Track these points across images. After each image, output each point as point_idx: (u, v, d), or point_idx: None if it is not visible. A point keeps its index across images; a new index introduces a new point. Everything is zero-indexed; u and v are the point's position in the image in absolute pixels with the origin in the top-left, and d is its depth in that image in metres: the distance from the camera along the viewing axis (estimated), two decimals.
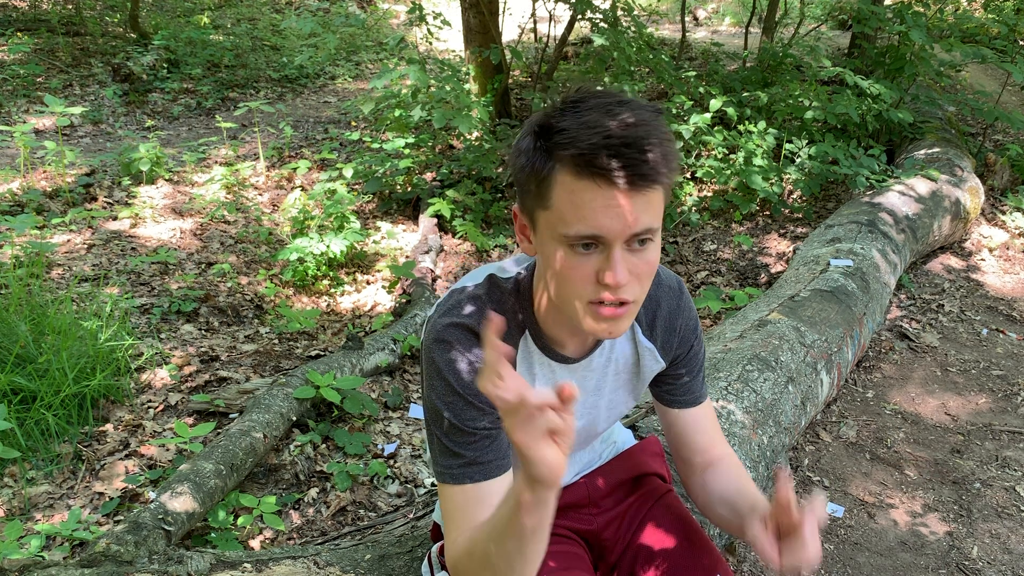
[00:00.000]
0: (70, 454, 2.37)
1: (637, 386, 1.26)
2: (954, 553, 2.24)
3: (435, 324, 1.09)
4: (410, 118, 4.77)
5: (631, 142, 0.89)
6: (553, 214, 0.95)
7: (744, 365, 2.29)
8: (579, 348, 1.16)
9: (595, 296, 0.96)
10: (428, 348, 1.08)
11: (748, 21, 7.69)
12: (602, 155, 0.89)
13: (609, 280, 0.93)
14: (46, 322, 2.66)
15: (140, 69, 6.80)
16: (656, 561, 1.27)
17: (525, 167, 0.97)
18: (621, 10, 5.30)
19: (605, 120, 0.90)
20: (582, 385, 1.19)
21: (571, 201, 0.92)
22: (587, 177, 0.90)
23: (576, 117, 0.92)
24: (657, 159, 0.90)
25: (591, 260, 0.95)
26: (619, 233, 0.92)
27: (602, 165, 0.89)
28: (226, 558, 1.41)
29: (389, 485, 2.43)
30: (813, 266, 3.29)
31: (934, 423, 2.89)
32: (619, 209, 0.91)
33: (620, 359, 1.21)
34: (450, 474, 1.07)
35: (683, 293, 1.23)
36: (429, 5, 8.65)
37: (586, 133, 0.90)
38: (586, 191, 0.91)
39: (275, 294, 3.72)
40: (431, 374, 1.08)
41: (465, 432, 1.06)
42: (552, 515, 0.90)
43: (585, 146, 0.89)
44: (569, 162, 0.91)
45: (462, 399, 1.05)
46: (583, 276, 0.95)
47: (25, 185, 4.38)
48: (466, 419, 1.06)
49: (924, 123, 5.23)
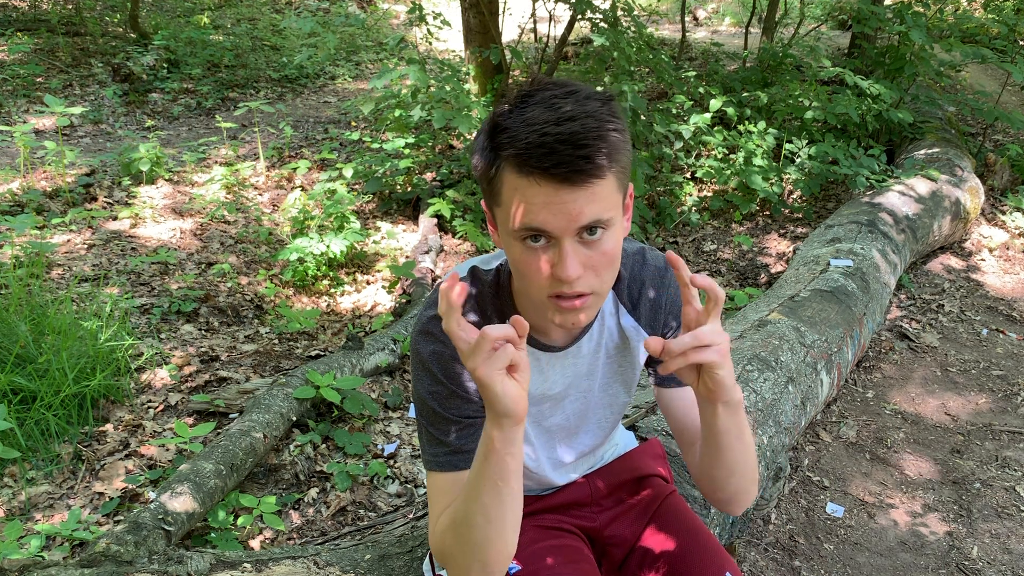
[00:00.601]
0: (70, 454, 2.37)
1: (630, 371, 1.26)
2: (954, 553, 2.24)
3: (420, 317, 1.12)
4: (410, 118, 4.77)
5: (566, 138, 0.89)
6: (503, 211, 0.97)
7: (744, 365, 2.29)
8: (565, 335, 1.17)
9: (552, 290, 0.98)
10: (414, 340, 1.11)
11: (748, 21, 7.69)
12: (536, 154, 0.90)
13: (560, 274, 0.95)
14: (46, 322, 2.66)
15: (140, 69, 6.80)
16: (662, 562, 1.27)
17: (478, 166, 0.99)
18: (621, 10, 5.30)
19: (544, 116, 0.91)
20: (573, 371, 1.20)
21: (515, 199, 0.94)
22: (526, 175, 0.92)
23: (520, 114, 0.93)
24: (594, 152, 0.90)
25: (544, 254, 0.96)
26: (564, 228, 0.93)
27: (536, 164, 0.90)
28: (226, 558, 1.41)
29: (389, 485, 2.43)
30: (813, 266, 3.29)
31: (934, 423, 2.89)
32: (561, 205, 0.92)
33: (609, 343, 1.22)
34: (436, 462, 1.10)
35: (668, 271, 1.23)
36: (429, 5, 8.66)
37: (524, 131, 0.91)
38: (527, 188, 0.92)
39: (275, 294, 3.72)
40: (416, 365, 1.11)
41: (450, 420, 1.09)
42: (521, 454, 0.96)
43: (522, 146, 0.91)
44: (511, 161, 0.93)
45: (446, 388, 1.08)
46: (537, 270, 0.97)
47: (25, 185, 4.38)
48: (450, 407, 1.09)
49: (924, 123, 5.23)
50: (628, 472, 1.40)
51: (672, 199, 4.83)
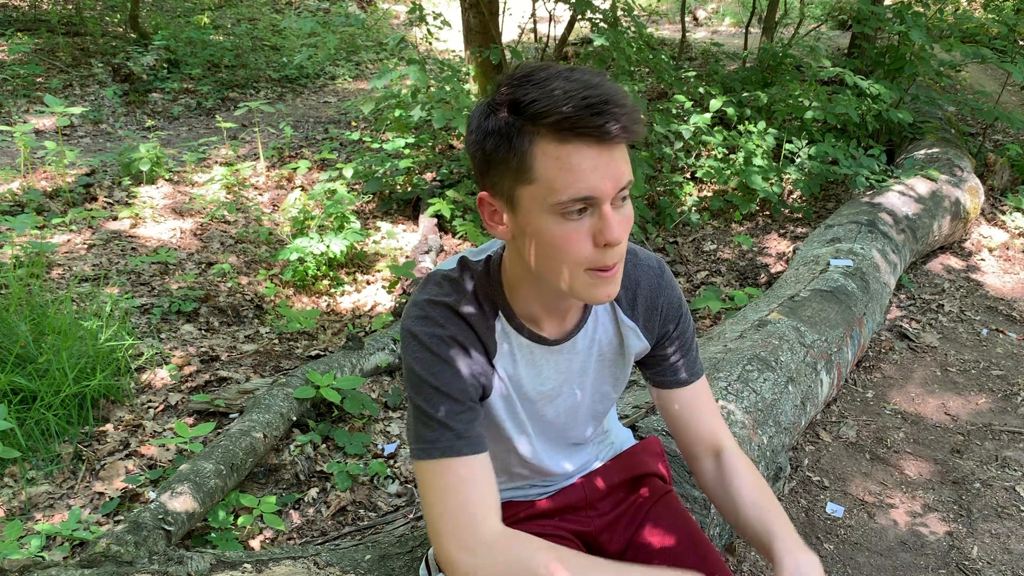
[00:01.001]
0: (70, 454, 2.37)
1: (621, 369, 1.25)
2: (954, 553, 2.24)
3: (413, 302, 1.10)
4: (410, 118, 4.77)
5: (608, 98, 0.90)
6: (540, 187, 0.95)
7: (744, 365, 2.29)
8: (558, 329, 1.16)
9: (594, 262, 0.98)
10: (409, 324, 1.09)
11: (748, 21, 7.69)
12: (586, 115, 0.90)
13: (610, 238, 0.95)
14: (46, 322, 2.66)
15: (140, 69, 6.80)
16: (655, 561, 1.27)
17: (500, 146, 0.96)
18: (621, 10, 5.30)
19: (570, 85, 0.91)
20: (567, 367, 1.19)
21: (559, 167, 0.93)
22: (572, 140, 0.91)
23: (538, 89, 0.92)
24: (632, 111, 0.92)
25: (584, 224, 0.96)
26: (610, 190, 0.94)
27: (590, 123, 0.90)
28: (226, 558, 1.41)
29: (389, 485, 2.43)
30: (813, 266, 3.29)
31: (934, 423, 2.89)
32: (607, 167, 0.93)
33: (603, 340, 1.21)
34: (437, 448, 1.05)
35: (664, 272, 1.23)
36: (429, 5, 8.66)
37: (562, 99, 0.91)
38: (573, 154, 0.92)
39: (275, 294, 3.72)
40: (413, 348, 1.07)
41: (454, 400, 1.06)
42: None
43: (568, 109, 0.90)
44: (550, 130, 0.92)
45: (449, 367, 1.06)
46: (579, 241, 0.96)
47: (25, 185, 4.38)
48: (453, 388, 1.06)
49: (924, 123, 5.23)
50: (626, 471, 1.39)
51: (672, 199, 4.83)
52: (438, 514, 1.03)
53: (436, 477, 1.05)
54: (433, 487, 1.05)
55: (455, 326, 1.08)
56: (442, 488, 1.04)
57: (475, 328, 1.10)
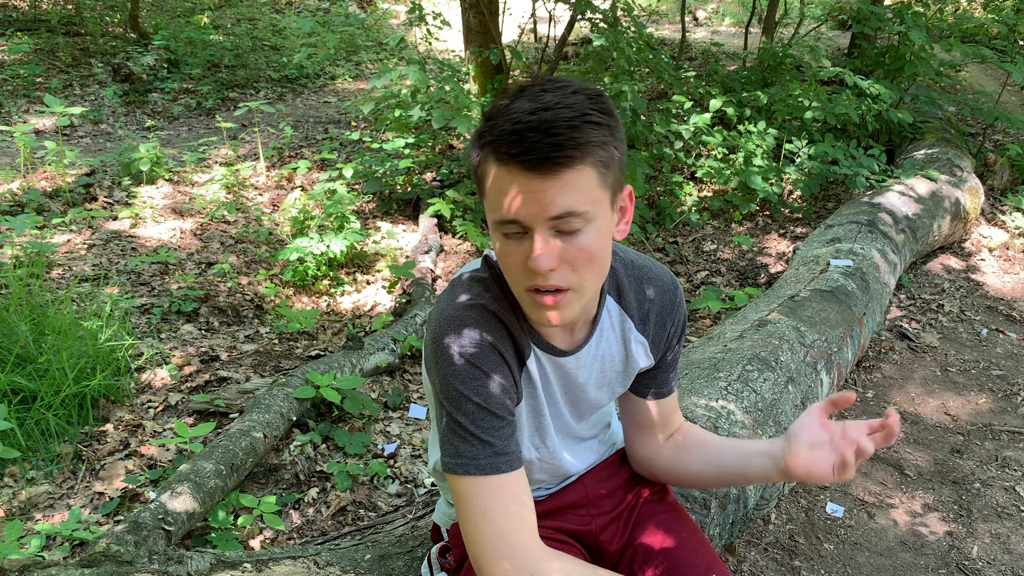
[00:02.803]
0: (70, 454, 2.37)
1: (621, 385, 1.26)
2: (954, 553, 2.24)
3: (444, 308, 1.07)
4: (410, 118, 4.77)
5: (536, 126, 0.90)
6: (487, 203, 0.98)
7: (744, 365, 2.29)
8: (567, 340, 1.16)
9: (528, 283, 0.98)
10: (441, 332, 1.05)
11: (748, 21, 7.69)
12: (508, 141, 0.91)
13: (531, 264, 0.95)
14: (46, 322, 2.66)
15: (140, 69, 6.80)
16: (655, 560, 1.26)
17: (472, 156, 1.01)
18: (621, 10, 5.30)
19: (525, 107, 0.92)
20: (573, 379, 1.19)
21: (494, 188, 0.96)
22: (503, 164, 0.93)
23: (508, 107, 0.94)
24: (564, 141, 0.90)
25: (521, 246, 0.97)
26: (535, 217, 0.94)
27: (507, 152, 0.92)
28: (226, 558, 1.41)
29: (389, 485, 2.43)
30: (813, 266, 3.29)
31: (934, 423, 2.89)
32: (532, 194, 0.93)
33: (607, 356, 1.21)
34: (476, 465, 1.03)
35: (677, 290, 1.24)
36: (429, 5, 8.66)
37: (502, 122, 0.92)
38: (504, 178, 0.94)
39: (275, 294, 3.72)
40: (447, 359, 1.04)
41: (495, 416, 1.05)
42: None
43: (497, 134, 0.93)
44: (491, 151, 0.95)
45: (489, 381, 1.04)
46: (516, 262, 0.98)
47: (25, 185, 4.38)
48: (494, 403, 1.04)
49: (924, 123, 5.23)
50: (624, 470, 1.40)
51: (672, 199, 4.83)
52: (478, 532, 1.03)
53: (477, 496, 1.04)
54: (474, 506, 1.04)
55: (492, 330, 1.06)
56: (483, 507, 1.04)
57: (510, 328, 1.09)
